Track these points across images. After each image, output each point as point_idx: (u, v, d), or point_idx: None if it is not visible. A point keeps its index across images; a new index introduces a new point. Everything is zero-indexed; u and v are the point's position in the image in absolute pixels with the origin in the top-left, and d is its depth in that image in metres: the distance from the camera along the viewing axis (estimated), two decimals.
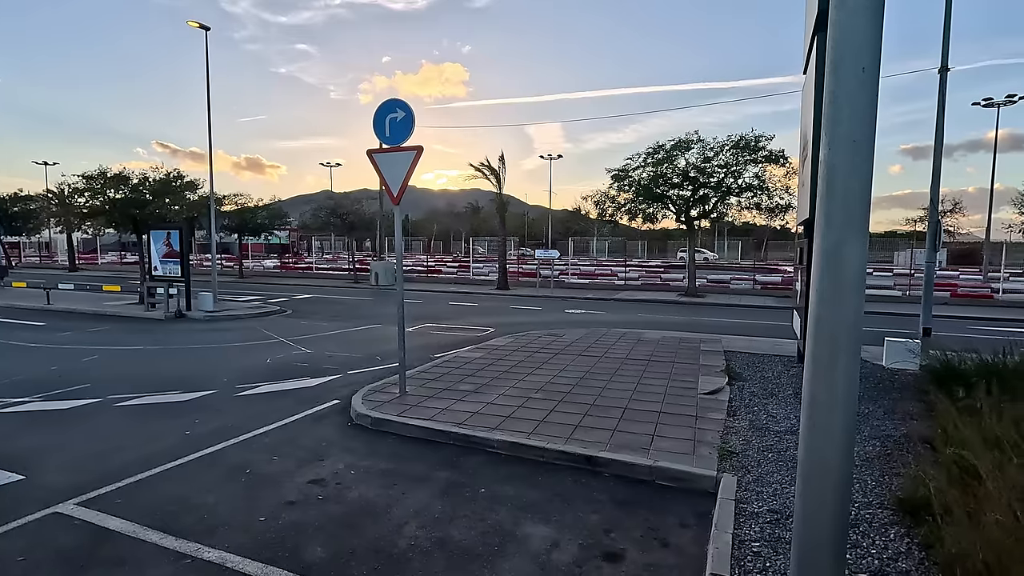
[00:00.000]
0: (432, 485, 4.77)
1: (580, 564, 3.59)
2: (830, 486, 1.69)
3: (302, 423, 6.45)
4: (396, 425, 6.17)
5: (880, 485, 4.53)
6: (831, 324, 1.65)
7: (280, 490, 4.66)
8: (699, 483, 4.71)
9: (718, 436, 5.69)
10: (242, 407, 7.08)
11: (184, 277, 16.02)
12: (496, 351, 10.30)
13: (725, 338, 11.85)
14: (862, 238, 1.59)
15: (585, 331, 12.97)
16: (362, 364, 9.55)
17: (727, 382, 7.89)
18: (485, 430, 5.85)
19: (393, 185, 7.14)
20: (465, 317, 16.48)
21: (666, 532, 4.00)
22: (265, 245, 51.93)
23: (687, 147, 22.23)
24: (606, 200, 24.50)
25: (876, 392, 7.45)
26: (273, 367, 9.44)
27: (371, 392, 7.34)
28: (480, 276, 32.16)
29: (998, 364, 6.53)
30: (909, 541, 3.65)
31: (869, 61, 1.50)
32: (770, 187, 21.51)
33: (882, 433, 5.80)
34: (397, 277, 7.46)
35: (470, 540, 3.88)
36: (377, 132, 7.26)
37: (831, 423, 1.67)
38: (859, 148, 1.54)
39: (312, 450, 5.59)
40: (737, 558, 3.49)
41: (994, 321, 16.96)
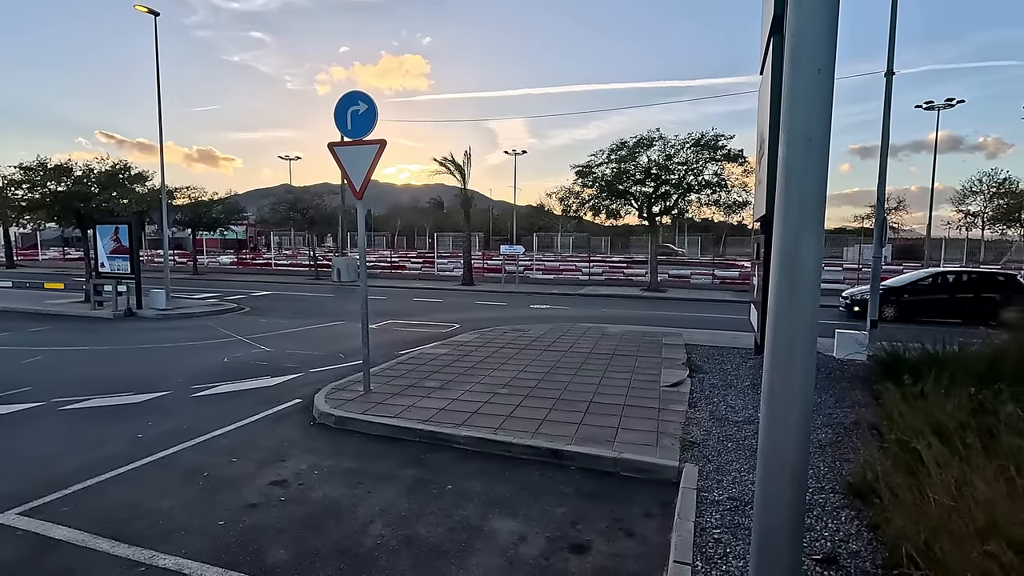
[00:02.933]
0: (398, 483, 4.72)
1: (547, 557, 3.63)
2: (788, 473, 1.76)
3: (262, 423, 6.28)
4: (361, 423, 6.08)
5: (832, 471, 4.74)
6: (789, 317, 1.71)
7: (240, 492, 4.53)
8: (662, 473, 4.82)
9: (680, 427, 5.84)
10: (198, 408, 6.84)
11: (134, 274, 15.34)
12: (462, 347, 10.27)
13: (686, 332, 12.14)
14: (818, 234, 1.65)
15: (550, 326, 13.07)
16: (324, 362, 9.37)
17: (688, 374, 8.09)
18: (451, 426, 5.83)
19: (356, 179, 7.00)
20: (430, 313, 16.35)
21: (631, 522, 4.08)
22: (221, 240, 50.13)
23: (649, 144, 22.62)
24: (570, 196, 24.71)
25: (828, 382, 7.77)
26: (231, 366, 9.15)
27: (334, 390, 7.21)
28: (445, 272, 31.99)
29: (938, 353, 6.90)
30: (859, 523, 3.83)
31: (824, 62, 1.56)
32: (728, 185, 22.12)
33: (834, 421, 6.06)
34: (360, 273, 7.33)
35: (437, 537, 3.86)
36: (339, 125, 7.11)
37: (789, 412, 1.73)
38: (814, 146, 1.60)
39: (273, 451, 5.45)
40: (699, 545, 3.59)
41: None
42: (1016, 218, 19.79)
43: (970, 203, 22.42)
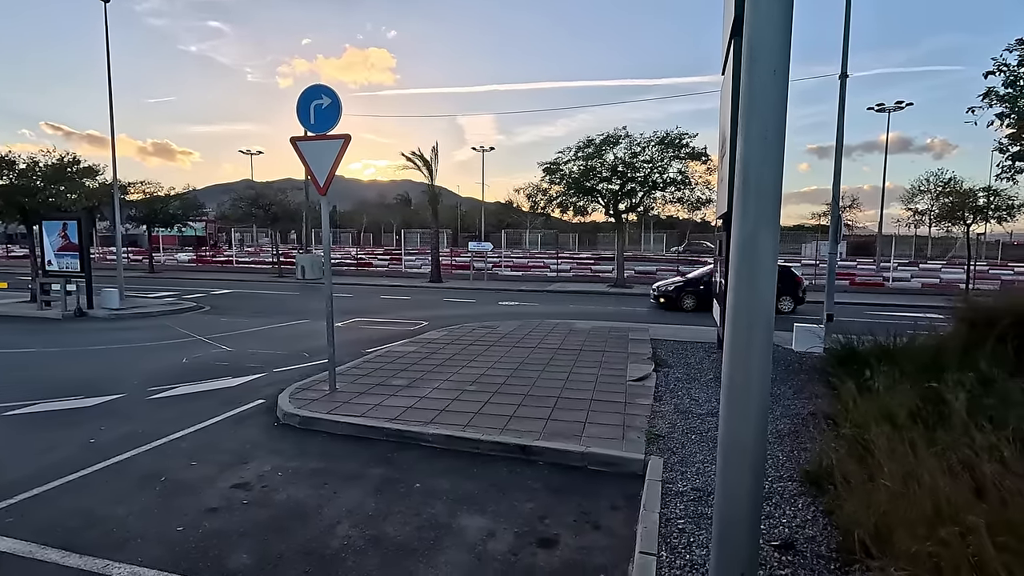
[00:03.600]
0: (365, 483, 4.67)
1: (515, 552, 3.65)
2: (747, 463, 1.82)
3: (223, 425, 6.11)
4: (326, 423, 5.98)
5: (790, 460, 4.90)
6: (747, 311, 1.76)
7: (200, 497, 4.40)
8: (628, 466, 4.90)
9: (646, 421, 5.94)
10: (155, 411, 6.60)
11: (84, 272, 14.68)
12: (430, 344, 10.20)
13: (652, 327, 12.36)
14: (774, 229, 1.70)
15: (519, 323, 13.11)
16: (289, 362, 9.17)
17: (654, 369, 8.24)
18: (419, 424, 5.79)
19: (319, 175, 6.86)
20: (397, 311, 16.19)
21: (598, 515, 4.14)
22: (179, 237, 48.39)
23: (615, 142, 22.88)
24: (538, 193, 24.80)
25: (787, 374, 8.03)
26: (190, 367, 8.86)
27: (299, 390, 7.07)
28: (412, 269, 31.69)
29: (889, 345, 7.22)
30: (815, 509, 3.98)
31: (779, 64, 1.61)
32: (692, 182, 22.58)
33: (792, 412, 6.27)
34: (325, 270, 7.20)
35: (405, 535, 3.84)
36: (301, 119, 6.95)
37: (747, 404, 1.79)
38: (771, 145, 1.65)
39: (235, 453, 5.31)
40: (664, 535, 3.67)
41: (886, 306, 18.76)
42: (960, 216, 20.81)
43: (918, 202, 23.49)
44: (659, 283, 18.09)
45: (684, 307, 16.40)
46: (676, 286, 17.05)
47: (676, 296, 16.64)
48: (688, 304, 16.44)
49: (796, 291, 16.55)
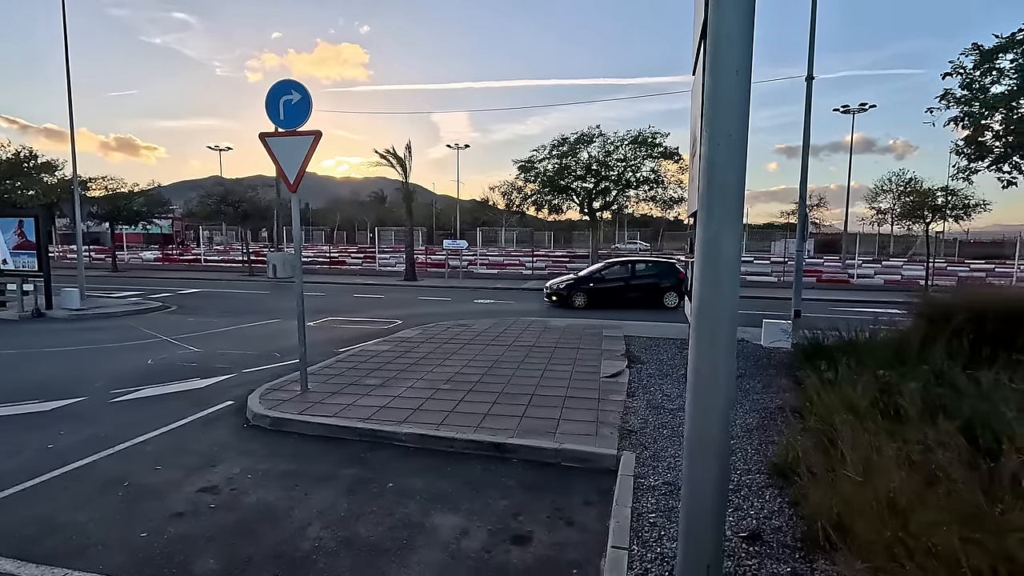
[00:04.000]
0: (337, 483, 4.61)
1: (489, 549, 3.65)
2: (712, 455, 1.86)
3: (190, 428, 5.96)
4: (298, 424, 5.89)
5: (759, 453, 5.02)
6: (711, 307, 1.79)
7: (165, 501, 4.28)
8: (601, 462, 4.95)
9: (619, 416, 6.01)
10: (118, 414, 6.40)
11: (42, 271, 14.12)
12: (404, 343, 10.13)
13: (625, 323, 12.49)
14: (737, 227, 1.74)
15: (494, 321, 13.11)
16: (259, 362, 8.99)
17: (627, 365, 8.33)
18: (393, 424, 5.74)
19: (289, 172, 6.74)
20: (371, 309, 16.02)
21: (571, 511, 4.17)
22: (144, 235, 47.08)
23: (589, 141, 23.05)
24: (513, 191, 24.87)
25: (756, 369, 8.22)
26: (155, 368, 8.62)
27: (269, 391, 6.94)
28: (387, 267, 31.39)
29: (853, 340, 7.44)
30: (781, 501, 4.08)
31: (741, 64, 1.64)
32: (664, 181, 22.89)
33: (760, 406, 6.42)
34: (295, 268, 7.08)
35: (378, 536, 3.80)
36: (270, 115, 6.81)
37: (712, 397, 1.83)
38: (733, 144, 1.68)
39: (203, 456, 5.19)
40: (636, 530, 3.72)
41: (851, 302, 19.31)
42: (920, 215, 21.59)
43: (881, 201, 24.33)
44: (551, 281, 18.03)
45: (574, 304, 16.40)
46: (567, 284, 17.06)
47: (567, 294, 16.62)
48: (578, 302, 16.46)
49: (681, 287, 16.64)
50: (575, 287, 16.73)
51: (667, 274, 17.02)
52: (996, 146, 9.72)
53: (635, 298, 16.52)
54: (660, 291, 16.61)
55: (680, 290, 16.62)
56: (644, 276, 17.08)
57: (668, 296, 16.54)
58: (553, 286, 17.24)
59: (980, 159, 10.02)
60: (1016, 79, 9.13)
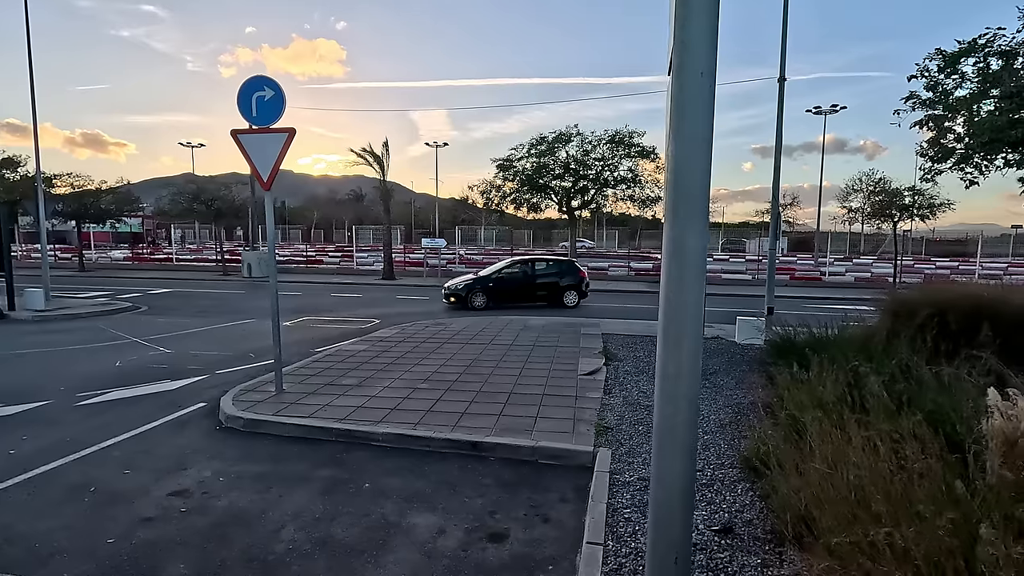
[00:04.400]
0: (313, 485, 4.56)
1: (466, 548, 3.66)
2: (679, 449, 1.89)
3: (161, 431, 5.84)
4: (272, 425, 5.81)
5: (731, 448, 5.11)
6: (678, 305, 1.83)
7: (134, 507, 4.19)
8: (578, 459, 4.99)
9: (595, 413, 6.06)
10: (85, 418, 6.23)
11: (3, 271, 13.65)
12: (381, 343, 10.05)
13: (603, 322, 12.59)
14: (703, 227, 1.77)
15: (472, 319, 13.09)
16: (233, 363, 8.83)
17: (604, 363, 8.41)
18: (369, 424, 5.70)
19: (263, 170, 6.64)
20: (348, 309, 15.86)
21: (548, 508, 4.20)
22: (113, 234, 45.80)
23: (568, 140, 23.16)
24: (492, 189, 24.85)
25: (730, 365, 8.36)
26: (124, 371, 8.40)
27: (243, 392, 6.83)
28: (365, 266, 31.10)
29: (822, 336, 7.61)
30: (752, 495, 4.16)
31: (706, 66, 1.67)
32: (642, 180, 23.12)
33: (734, 402, 6.53)
34: (269, 266, 6.97)
35: (353, 537, 3.78)
36: (243, 111, 6.69)
37: (679, 392, 1.87)
38: (699, 145, 1.72)
39: (173, 459, 5.08)
40: (611, 525, 3.76)
41: (823, 299, 19.78)
42: (888, 214, 22.21)
43: (852, 200, 24.99)
44: (450, 282, 17.28)
45: (474, 305, 15.83)
46: (466, 284, 16.43)
47: (466, 294, 16.01)
48: (478, 302, 15.91)
49: (580, 285, 16.80)
50: (474, 287, 16.18)
51: (568, 273, 17.00)
52: (958, 148, 10.02)
53: (536, 297, 16.51)
54: (561, 289, 16.59)
55: (580, 289, 16.76)
56: (545, 275, 16.95)
57: (568, 295, 16.54)
58: (452, 287, 16.56)
59: (943, 160, 10.32)
60: (977, 83, 9.44)
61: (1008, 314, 5.96)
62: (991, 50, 9.06)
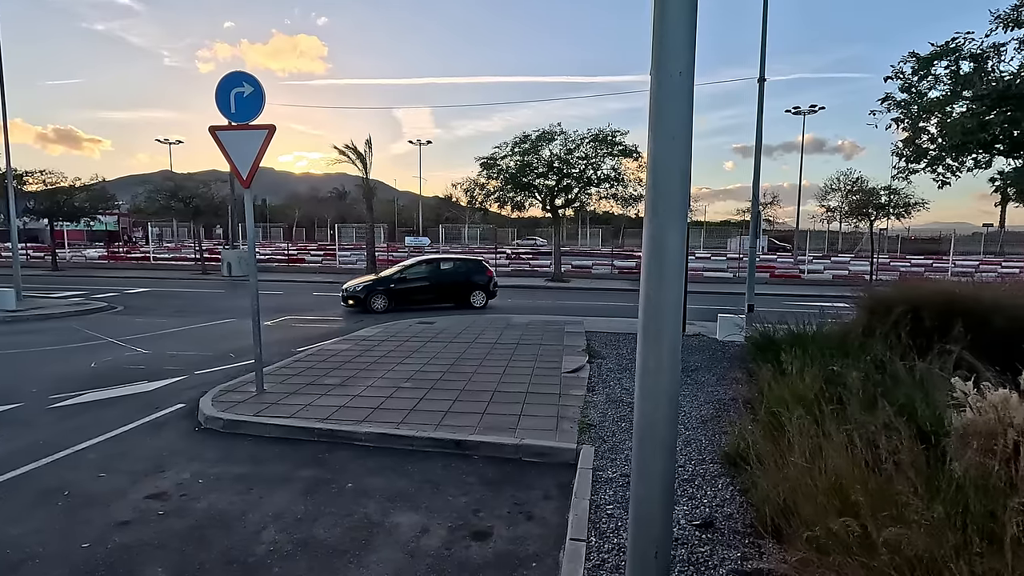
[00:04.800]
0: (294, 485, 4.52)
1: (449, 547, 3.65)
2: (659, 444, 1.92)
3: (138, 433, 5.73)
4: (253, 426, 5.74)
5: (712, 443, 5.18)
6: (657, 302, 1.85)
7: (110, 510, 4.10)
8: (561, 456, 5.01)
9: (579, 411, 6.09)
10: (58, 420, 6.09)
11: None
12: (364, 342, 9.98)
13: (587, 320, 12.65)
14: (681, 225, 1.80)
15: (456, 317, 13.06)
16: (212, 363, 8.70)
17: (588, 360, 8.45)
18: (352, 423, 5.66)
19: (242, 167, 6.54)
20: (331, 308, 15.71)
21: (531, 506, 4.21)
22: (88, 232, 44.80)
23: (551, 138, 23.19)
24: (476, 188, 24.77)
25: (711, 362, 8.46)
26: (99, 372, 8.23)
27: (223, 392, 6.73)
28: (347, 265, 30.83)
29: (801, 333, 7.74)
30: (733, 489, 4.22)
31: (684, 66, 1.69)
32: (625, 179, 23.26)
33: (715, 398, 6.61)
34: (250, 265, 6.88)
35: (336, 537, 3.75)
36: (221, 108, 6.59)
37: (659, 387, 1.89)
38: (678, 144, 1.73)
39: (151, 461, 4.99)
40: (594, 522, 3.78)
41: (802, 296, 20.09)
42: (865, 213, 22.70)
43: (830, 199, 25.53)
44: (348, 283, 15.96)
45: (375, 308, 14.70)
46: (365, 286, 15.19)
47: (365, 296, 14.85)
48: (378, 304, 14.77)
49: (488, 285, 16.15)
50: (374, 289, 15.04)
51: (475, 272, 16.31)
52: (931, 149, 10.27)
53: (443, 297, 15.72)
54: (468, 289, 15.90)
55: (488, 288, 16.16)
56: (451, 275, 16.18)
57: (476, 295, 15.90)
58: (350, 289, 15.26)
59: (917, 160, 10.56)
60: (950, 85, 9.68)
61: (979, 311, 6.11)
62: (962, 54, 9.29)
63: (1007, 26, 8.79)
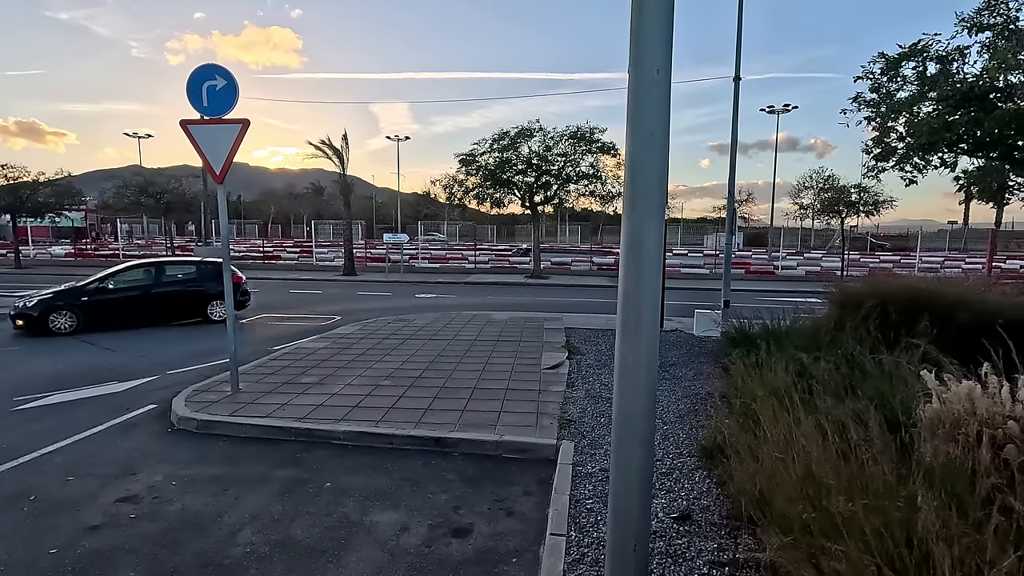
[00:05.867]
0: (271, 486, 4.45)
1: (429, 544, 3.64)
2: (637, 438, 1.94)
3: (107, 435, 5.58)
4: (228, 426, 5.63)
5: (689, 437, 5.25)
6: (635, 297, 1.87)
7: (78, 515, 3.99)
8: (541, 452, 5.03)
9: (558, 407, 6.12)
10: (22, 423, 5.90)
11: None
12: (342, 340, 9.87)
13: (566, 316, 12.71)
14: (659, 222, 1.82)
15: (436, 315, 13.00)
16: (185, 362, 8.51)
17: (567, 356, 8.49)
18: (330, 422, 5.60)
19: (215, 162, 6.40)
20: (308, 305, 15.50)
21: (511, 502, 4.22)
22: (53, 228, 43.37)
23: (530, 135, 23.19)
24: (455, 184, 24.65)
25: (688, 357, 8.58)
26: (64, 373, 7.98)
27: (197, 392, 6.59)
28: (325, 262, 30.46)
29: (775, 328, 7.90)
30: (710, 482, 4.29)
31: (662, 64, 1.70)
32: (603, 176, 23.39)
33: (692, 392, 6.71)
34: (224, 262, 6.74)
35: (314, 537, 3.71)
36: (192, 101, 6.43)
37: (636, 382, 1.91)
38: (655, 141, 1.75)
39: (121, 464, 4.87)
40: (574, 516, 3.82)
41: (776, 292, 20.50)
42: (837, 210, 23.23)
43: (803, 197, 26.08)
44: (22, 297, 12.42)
45: (58, 329, 10.97)
46: (41, 300, 11.19)
47: (40, 315, 10.95)
48: (63, 324, 11.03)
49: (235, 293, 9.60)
50: (55, 305, 11.12)
51: (210, 279, 12.78)
52: (899, 147, 10.54)
53: (163, 312, 12.23)
54: (202, 301, 12.59)
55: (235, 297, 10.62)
56: (177, 284, 12.75)
57: (214, 306, 12.59)
58: (21, 306, 11.26)
59: (886, 159, 10.84)
60: (917, 86, 9.94)
61: (943, 305, 6.31)
62: (928, 55, 9.54)
63: (971, 30, 9.06)
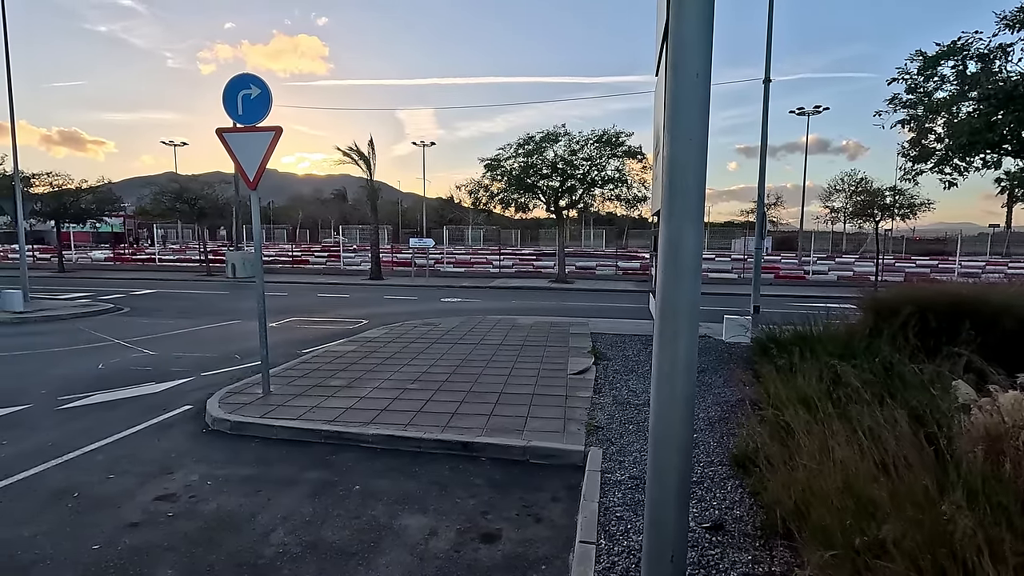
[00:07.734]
0: (302, 487, 4.52)
1: (458, 549, 3.65)
2: (675, 446, 1.91)
3: (145, 434, 5.74)
4: (259, 428, 5.74)
5: (720, 445, 5.16)
6: (673, 304, 1.84)
7: (119, 512, 4.11)
8: (569, 458, 5.00)
9: (586, 413, 6.08)
10: (66, 422, 6.11)
11: None
12: (369, 343, 9.99)
13: (592, 321, 12.63)
14: (698, 227, 1.79)
15: (461, 319, 13.06)
16: (218, 365, 8.72)
17: (593, 362, 8.43)
18: (359, 425, 5.66)
19: (249, 169, 6.56)
20: (336, 309, 15.74)
21: (540, 508, 4.20)
22: (93, 234, 45.08)
23: (555, 140, 23.18)
24: (480, 189, 24.78)
25: (717, 364, 8.43)
26: (106, 374, 8.25)
27: (230, 394, 6.74)
28: (352, 266, 30.90)
29: (807, 334, 7.71)
30: (742, 491, 4.20)
31: (701, 67, 1.69)
32: (629, 180, 23.23)
33: (722, 400, 6.59)
34: (256, 266, 6.89)
35: (344, 539, 3.75)
36: (228, 110, 6.60)
37: (674, 389, 1.88)
38: (694, 145, 1.73)
39: (159, 463, 5.01)
40: (603, 524, 3.78)
41: (806, 297, 20.02)
42: (870, 213, 22.58)
43: (834, 200, 25.42)
44: None
45: None
46: None
47: None
48: None
49: None
50: None
51: None
52: (938, 149, 10.22)
53: None
54: None
55: None
56: None
57: None
58: None
59: (924, 161, 10.52)
60: (956, 85, 9.63)
61: (987, 312, 6.07)
62: (968, 53, 9.24)
63: (1013, 27, 8.74)
